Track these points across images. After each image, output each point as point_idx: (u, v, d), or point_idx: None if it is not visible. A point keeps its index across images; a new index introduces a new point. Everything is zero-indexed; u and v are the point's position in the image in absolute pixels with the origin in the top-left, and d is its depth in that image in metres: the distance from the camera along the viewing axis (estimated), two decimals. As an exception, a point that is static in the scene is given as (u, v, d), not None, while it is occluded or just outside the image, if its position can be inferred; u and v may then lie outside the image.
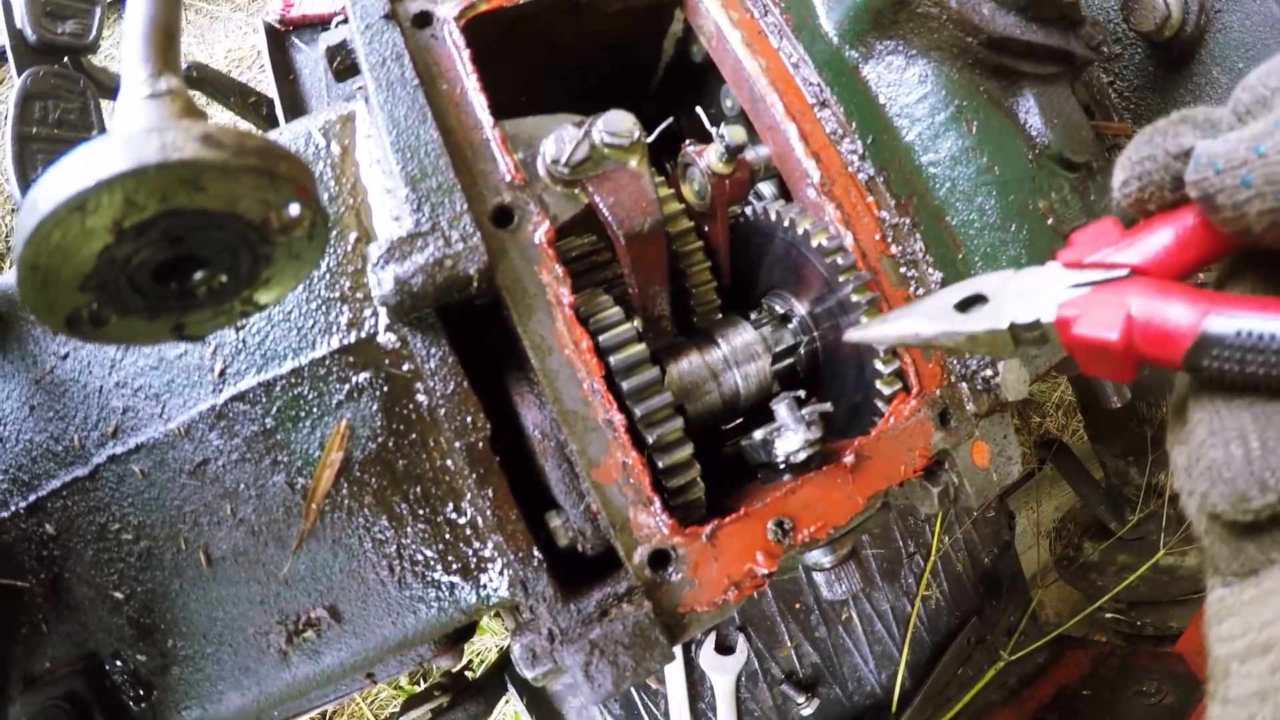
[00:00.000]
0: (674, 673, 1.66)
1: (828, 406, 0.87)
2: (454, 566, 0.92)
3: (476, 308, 0.89)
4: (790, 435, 0.86)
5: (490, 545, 0.90)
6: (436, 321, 0.87)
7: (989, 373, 0.96)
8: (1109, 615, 1.59)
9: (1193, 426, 0.43)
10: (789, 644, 1.61)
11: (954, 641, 1.46)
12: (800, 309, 1.01)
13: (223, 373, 0.98)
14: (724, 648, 1.70)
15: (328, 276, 0.96)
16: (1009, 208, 0.99)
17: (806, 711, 1.63)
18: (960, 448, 0.96)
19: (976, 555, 1.60)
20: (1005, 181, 1.00)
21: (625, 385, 0.85)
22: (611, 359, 0.85)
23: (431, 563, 0.92)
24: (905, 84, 1.01)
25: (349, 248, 0.97)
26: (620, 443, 0.84)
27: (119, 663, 1.06)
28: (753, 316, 1.03)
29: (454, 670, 1.53)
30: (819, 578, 0.97)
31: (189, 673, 1.03)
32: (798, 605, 1.60)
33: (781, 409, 0.87)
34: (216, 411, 0.98)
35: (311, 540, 0.94)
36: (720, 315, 1.06)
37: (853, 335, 0.62)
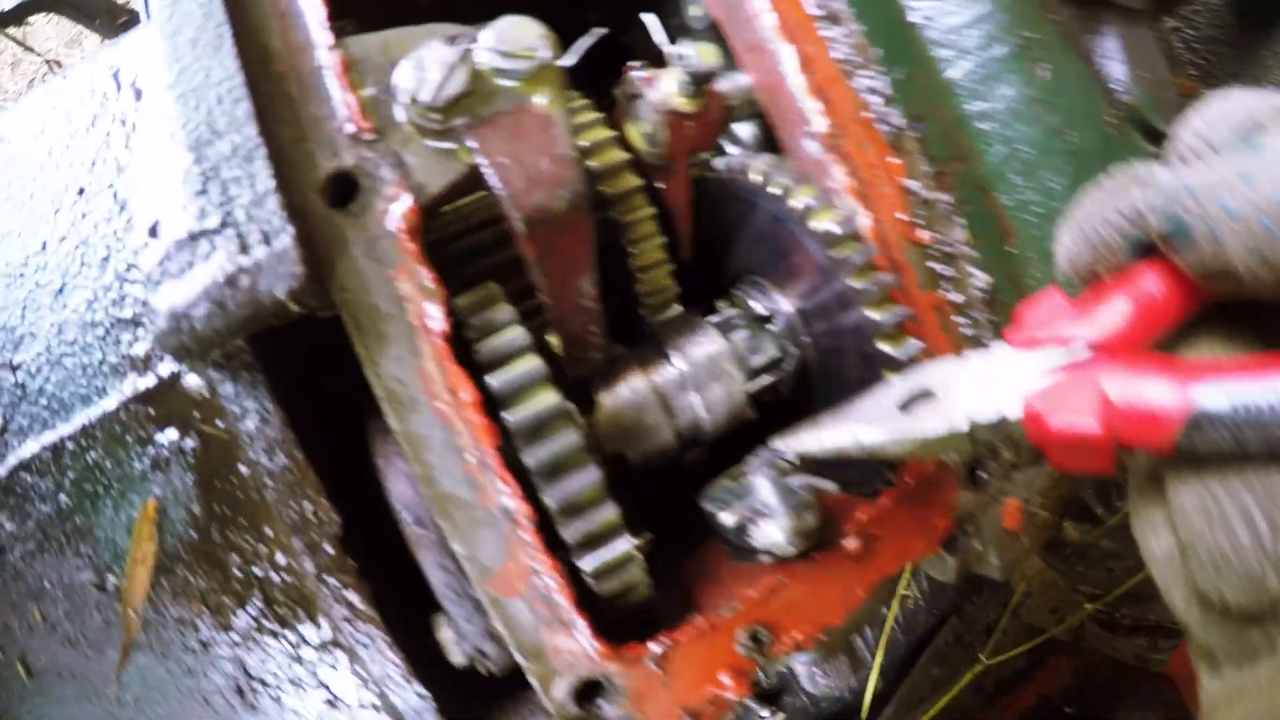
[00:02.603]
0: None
1: (830, 486, 0.61)
2: (318, 695, 0.67)
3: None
4: (771, 524, 0.60)
5: (359, 668, 0.65)
6: (251, 359, 0.58)
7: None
8: (1087, 605, 1.45)
9: (1185, 512, 0.41)
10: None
11: (931, 643, 1.30)
12: (786, 305, 0.73)
13: (3, 430, 0.69)
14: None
15: (115, 285, 0.65)
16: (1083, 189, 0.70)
17: (771, 724, 1.47)
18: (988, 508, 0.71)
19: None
20: (1079, 151, 0.70)
21: (530, 459, 0.57)
22: (508, 415, 0.58)
23: (288, 686, 0.67)
24: (952, -1, 0.69)
25: (144, 243, 0.65)
26: (525, 542, 0.57)
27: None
28: (721, 313, 0.74)
29: None
30: (799, 669, 0.75)
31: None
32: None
33: (761, 482, 0.61)
34: (1, 485, 0.70)
35: (138, 654, 0.70)
36: (675, 308, 0.78)
37: (780, 447, 0.56)
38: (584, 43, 0.57)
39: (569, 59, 0.57)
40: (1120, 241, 0.43)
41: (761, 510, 0.60)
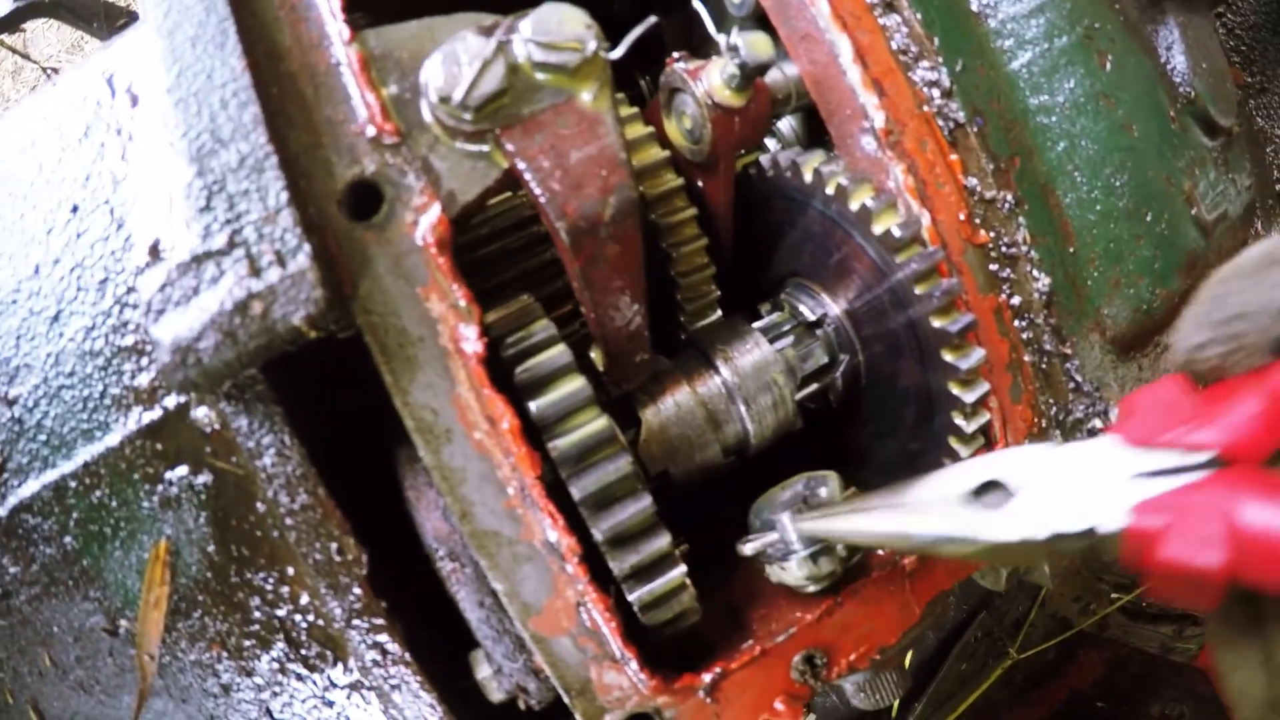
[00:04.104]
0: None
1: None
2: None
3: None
4: (792, 565, 0.56)
5: (392, 712, 0.61)
6: (265, 389, 0.53)
7: (1097, 423, 0.66)
8: (1114, 596, 1.43)
9: None
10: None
11: (960, 638, 1.27)
12: (835, 309, 0.68)
13: (2, 469, 0.64)
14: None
15: (114, 311, 0.59)
16: (1147, 187, 0.66)
17: None
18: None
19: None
20: (1143, 149, 0.66)
21: (577, 489, 0.53)
22: (552, 443, 0.53)
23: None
24: (1013, -16, 0.64)
25: (142, 264, 0.60)
26: (571, 577, 0.53)
27: None
28: (766, 318, 0.70)
29: None
30: (846, 685, 0.71)
31: None
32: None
33: (784, 521, 0.57)
34: (3, 526, 0.65)
35: (155, 699, 0.66)
36: (715, 314, 0.73)
37: (803, 528, 0.52)
38: (635, 33, 0.52)
39: (618, 51, 0.51)
40: (1262, 341, 0.37)
41: (785, 546, 0.56)
